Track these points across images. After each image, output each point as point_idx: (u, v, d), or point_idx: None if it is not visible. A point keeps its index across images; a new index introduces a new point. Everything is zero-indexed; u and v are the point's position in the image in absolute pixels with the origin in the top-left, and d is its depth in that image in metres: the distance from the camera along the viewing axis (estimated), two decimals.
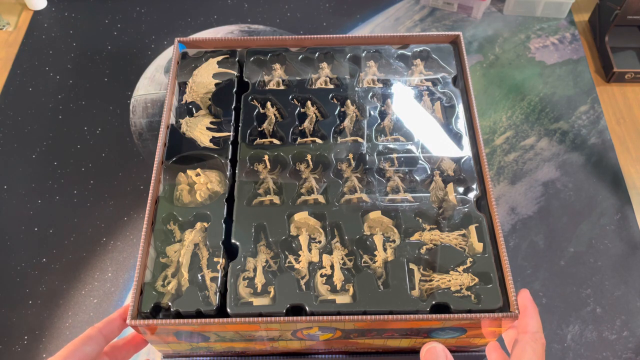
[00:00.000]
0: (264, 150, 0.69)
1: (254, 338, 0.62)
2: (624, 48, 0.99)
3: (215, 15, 1.06)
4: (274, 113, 0.73)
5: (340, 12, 1.06)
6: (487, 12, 1.06)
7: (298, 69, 0.77)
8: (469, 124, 0.72)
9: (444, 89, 0.75)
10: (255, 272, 0.60)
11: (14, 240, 0.81)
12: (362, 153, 0.69)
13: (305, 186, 0.67)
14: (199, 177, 0.67)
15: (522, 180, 0.86)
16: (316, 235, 0.63)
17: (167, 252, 0.62)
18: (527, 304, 0.56)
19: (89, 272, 0.78)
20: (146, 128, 0.91)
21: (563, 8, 1.04)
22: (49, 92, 0.95)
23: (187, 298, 0.58)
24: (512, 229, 0.82)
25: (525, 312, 0.56)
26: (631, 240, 0.81)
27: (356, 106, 0.74)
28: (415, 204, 0.65)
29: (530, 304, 0.56)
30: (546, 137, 0.90)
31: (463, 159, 0.69)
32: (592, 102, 0.94)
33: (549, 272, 0.78)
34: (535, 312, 0.56)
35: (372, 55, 0.78)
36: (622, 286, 0.77)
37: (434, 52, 0.78)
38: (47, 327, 0.74)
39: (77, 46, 1.01)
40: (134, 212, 0.83)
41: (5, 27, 1.04)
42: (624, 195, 0.85)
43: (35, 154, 0.88)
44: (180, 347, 0.65)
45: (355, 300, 0.58)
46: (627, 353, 0.72)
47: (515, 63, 0.99)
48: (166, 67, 0.98)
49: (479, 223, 0.63)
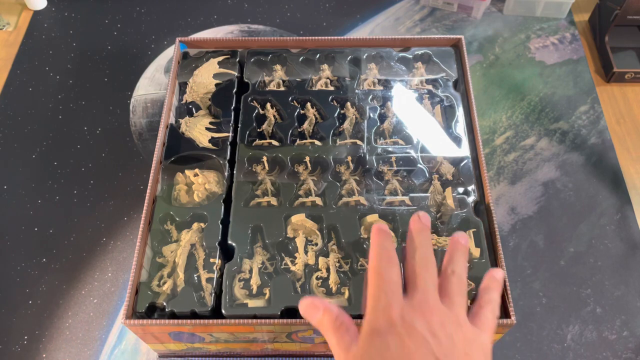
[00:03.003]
0: (263, 152, 0.69)
1: (249, 339, 0.62)
2: (624, 48, 0.99)
3: (215, 15, 1.06)
4: (274, 114, 0.73)
5: (340, 12, 1.06)
6: (487, 12, 1.05)
7: (299, 70, 0.77)
8: (469, 127, 0.72)
9: (445, 92, 0.75)
10: (251, 274, 0.60)
11: (14, 240, 0.81)
12: (361, 156, 0.69)
13: (303, 188, 0.67)
14: (197, 177, 0.67)
15: (522, 180, 0.86)
16: (313, 237, 0.63)
17: (164, 252, 0.62)
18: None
19: (89, 272, 0.78)
20: (146, 128, 0.91)
21: (563, 8, 1.03)
22: (49, 92, 0.95)
23: (182, 298, 0.58)
24: (512, 229, 0.81)
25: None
26: (631, 240, 0.81)
27: (356, 108, 0.74)
28: (413, 208, 0.65)
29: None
30: (546, 137, 0.90)
31: (462, 163, 0.68)
32: (592, 102, 0.94)
33: (549, 272, 0.78)
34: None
35: (373, 58, 0.78)
36: (622, 286, 0.77)
37: (435, 55, 0.78)
38: (47, 327, 0.74)
39: (77, 46, 1.02)
40: (134, 212, 0.83)
41: (5, 27, 1.04)
42: (624, 195, 0.84)
43: (35, 154, 0.89)
44: (176, 347, 0.65)
45: (351, 303, 0.58)
46: (627, 353, 0.72)
47: (515, 63, 0.99)
48: (166, 67, 0.98)
49: (476, 228, 0.63)
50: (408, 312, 0.46)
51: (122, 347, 0.73)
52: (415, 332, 0.45)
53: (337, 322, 0.48)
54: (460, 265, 0.51)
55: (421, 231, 0.52)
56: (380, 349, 0.45)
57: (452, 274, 0.50)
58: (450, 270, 0.51)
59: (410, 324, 0.45)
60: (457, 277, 0.50)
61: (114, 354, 0.72)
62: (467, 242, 0.53)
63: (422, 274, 0.49)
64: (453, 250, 0.52)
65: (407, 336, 0.44)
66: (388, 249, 0.50)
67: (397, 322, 0.45)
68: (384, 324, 0.46)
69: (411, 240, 0.51)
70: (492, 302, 0.51)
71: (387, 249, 0.50)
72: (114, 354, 0.72)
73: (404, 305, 0.47)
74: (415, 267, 0.49)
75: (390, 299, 0.47)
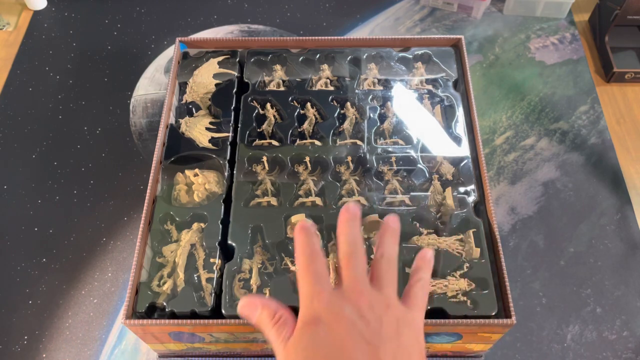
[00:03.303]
0: (263, 152, 0.69)
1: (249, 339, 0.62)
2: (624, 48, 0.99)
3: (215, 15, 1.06)
4: (274, 114, 0.73)
5: (340, 12, 1.06)
6: (487, 12, 1.05)
7: (299, 70, 0.77)
8: (469, 127, 0.72)
9: (445, 92, 0.75)
10: (250, 274, 0.60)
11: (14, 240, 0.81)
12: (361, 156, 0.69)
13: (303, 188, 0.67)
14: (197, 177, 0.67)
15: (522, 180, 0.86)
16: None
17: (164, 252, 0.62)
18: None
19: (89, 272, 0.78)
20: (146, 128, 0.91)
21: (563, 8, 1.03)
22: (49, 92, 0.95)
23: (182, 298, 0.58)
24: (512, 229, 0.81)
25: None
26: (631, 240, 0.81)
27: (356, 108, 0.74)
28: (413, 208, 0.65)
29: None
30: (546, 137, 0.90)
31: (462, 163, 0.68)
32: (592, 102, 0.94)
33: (549, 272, 0.78)
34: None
35: (373, 58, 0.78)
36: (622, 286, 0.77)
37: (435, 55, 0.78)
38: (47, 327, 0.74)
39: (77, 46, 1.02)
40: (134, 212, 0.83)
41: (5, 27, 1.04)
42: (624, 195, 0.84)
43: (35, 154, 0.89)
44: (176, 347, 0.65)
45: None
46: (627, 353, 0.72)
47: (515, 63, 0.99)
48: (166, 67, 0.98)
49: (476, 228, 0.63)
50: (337, 299, 0.46)
51: (122, 347, 0.73)
52: (343, 318, 0.45)
53: (275, 317, 0.48)
54: (389, 248, 0.51)
55: (348, 220, 0.52)
56: (313, 338, 0.45)
57: (381, 257, 0.51)
58: (379, 254, 0.51)
59: (339, 311, 0.45)
60: (385, 260, 0.50)
61: (114, 354, 0.72)
62: (397, 224, 0.53)
63: (350, 261, 0.49)
64: (383, 233, 0.52)
65: (335, 322, 0.45)
66: (312, 244, 0.50)
67: (326, 310, 0.46)
68: (314, 314, 0.46)
69: (340, 231, 0.51)
70: (421, 281, 0.51)
71: (311, 243, 0.50)
72: (114, 354, 0.72)
73: (333, 294, 0.47)
74: (344, 256, 0.50)
75: (317, 290, 0.47)
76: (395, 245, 0.52)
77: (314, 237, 0.51)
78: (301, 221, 0.53)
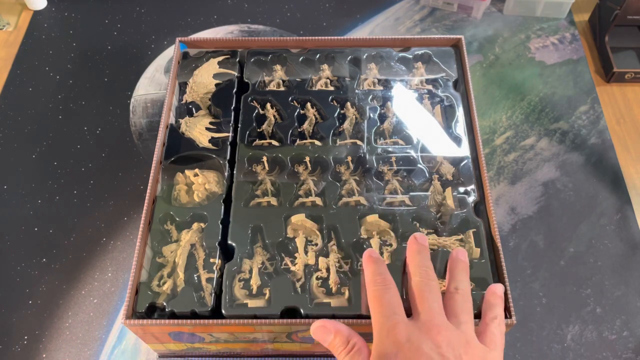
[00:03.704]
0: (263, 152, 0.69)
1: (249, 340, 0.62)
2: (624, 48, 0.99)
3: (215, 15, 1.06)
4: (274, 114, 0.73)
5: (340, 12, 1.06)
6: (487, 12, 1.05)
7: (299, 70, 0.77)
8: (469, 128, 0.72)
9: (445, 92, 0.75)
10: (251, 274, 0.60)
11: (14, 240, 0.81)
12: (361, 156, 0.69)
13: (303, 188, 0.67)
14: (197, 177, 0.67)
15: (522, 180, 0.86)
16: (313, 237, 0.63)
17: (164, 252, 0.62)
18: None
19: (89, 272, 0.78)
20: (146, 128, 0.91)
21: (563, 8, 1.03)
22: (49, 92, 0.95)
23: (182, 298, 0.58)
24: (512, 229, 0.81)
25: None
26: (631, 240, 0.81)
27: (356, 108, 0.74)
28: (413, 208, 0.65)
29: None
30: (546, 137, 0.90)
31: (462, 163, 0.68)
32: (592, 102, 0.94)
33: (549, 272, 0.78)
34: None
35: (373, 58, 0.78)
36: (622, 286, 0.77)
37: (435, 55, 0.78)
38: (47, 327, 0.74)
39: (77, 46, 1.02)
40: (134, 212, 0.83)
41: (5, 27, 1.04)
42: (624, 195, 0.84)
43: (35, 154, 0.89)
44: (176, 347, 0.65)
45: (351, 303, 0.58)
46: (627, 353, 0.72)
47: (515, 63, 0.99)
48: (166, 67, 0.98)
49: (476, 228, 0.63)
50: (414, 333, 0.46)
51: (122, 347, 0.73)
52: (422, 354, 0.44)
53: (349, 345, 0.48)
54: (463, 282, 0.51)
55: (419, 252, 0.52)
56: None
57: (456, 292, 0.50)
58: (453, 288, 0.50)
59: (417, 346, 0.45)
60: (461, 295, 0.50)
61: (114, 354, 0.72)
62: (466, 257, 0.53)
63: (425, 295, 0.49)
64: (453, 267, 0.52)
65: (414, 358, 0.44)
66: (382, 274, 0.50)
67: (404, 344, 0.45)
68: (391, 347, 0.45)
69: (411, 261, 0.52)
70: (497, 318, 0.51)
71: (381, 273, 0.50)
72: (114, 354, 0.72)
73: (410, 326, 0.47)
74: (418, 288, 0.49)
75: (392, 322, 0.47)
76: (467, 278, 0.52)
77: (383, 265, 0.52)
78: (369, 250, 0.53)
